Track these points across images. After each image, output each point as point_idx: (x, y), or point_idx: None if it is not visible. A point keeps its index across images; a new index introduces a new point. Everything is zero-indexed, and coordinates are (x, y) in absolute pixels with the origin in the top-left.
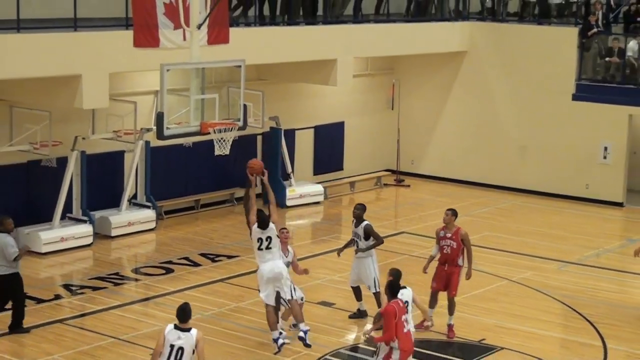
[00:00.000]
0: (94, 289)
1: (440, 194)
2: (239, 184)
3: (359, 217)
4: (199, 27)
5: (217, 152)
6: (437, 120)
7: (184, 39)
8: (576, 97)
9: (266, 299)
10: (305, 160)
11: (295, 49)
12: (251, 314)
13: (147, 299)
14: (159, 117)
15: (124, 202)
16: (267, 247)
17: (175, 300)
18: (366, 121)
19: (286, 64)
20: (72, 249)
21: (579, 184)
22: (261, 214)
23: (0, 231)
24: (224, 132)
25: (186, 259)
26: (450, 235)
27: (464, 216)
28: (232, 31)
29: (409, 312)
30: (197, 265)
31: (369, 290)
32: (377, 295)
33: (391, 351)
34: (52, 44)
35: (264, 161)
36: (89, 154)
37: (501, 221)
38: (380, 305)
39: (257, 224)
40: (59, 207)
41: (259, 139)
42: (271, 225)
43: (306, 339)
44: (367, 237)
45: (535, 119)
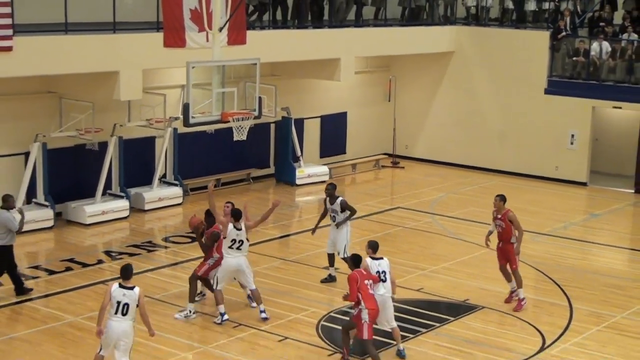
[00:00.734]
0: (130, 255)
1: (430, 174)
2: (255, 165)
3: (332, 195)
4: (220, 30)
5: (235, 138)
6: (428, 110)
7: (207, 40)
8: (548, 91)
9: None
10: (312, 145)
11: (304, 49)
12: (265, 277)
13: (175, 264)
14: (185, 108)
15: (155, 181)
16: (238, 248)
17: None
18: (366, 111)
19: (296, 62)
20: (111, 221)
21: (550, 166)
22: (236, 213)
23: (2, 207)
24: (242, 120)
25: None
26: (499, 216)
27: (452, 193)
28: (249, 33)
29: (387, 280)
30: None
31: (339, 255)
32: (345, 260)
33: (360, 311)
34: (94, 44)
35: (277, 146)
36: (126, 139)
37: (483, 198)
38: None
39: (233, 225)
40: (101, 184)
41: (272, 126)
42: (243, 228)
43: (266, 316)
44: (342, 210)
45: (512, 109)
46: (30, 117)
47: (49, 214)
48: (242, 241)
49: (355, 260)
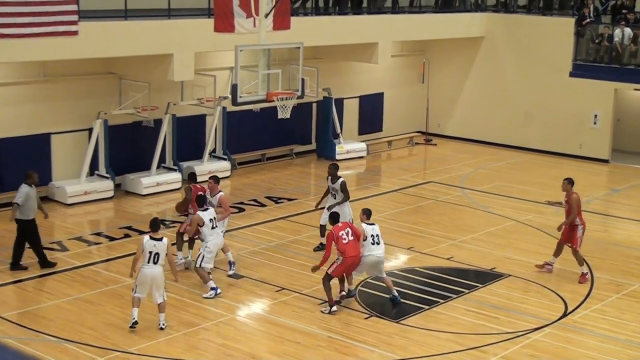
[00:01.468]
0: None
1: (461, 151)
2: (297, 141)
3: (334, 175)
4: (266, 16)
5: (280, 116)
6: (459, 91)
7: (254, 26)
8: (572, 74)
9: (209, 266)
10: (351, 123)
11: (344, 33)
12: (307, 244)
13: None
14: (234, 88)
15: (206, 155)
16: (213, 227)
17: (246, 233)
18: (401, 92)
19: (337, 45)
20: (165, 192)
21: (574, 144)
22: (202, 198)
23: (27, 183)
24: (286, 100)
25: (255, 200)
26: (567, 199)
27: (481, 169)
28: (293, 19)
29: (381, 242)
30: (263, 205)
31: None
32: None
33: (337, 260)
34: (151, 29)
35: (319, 124)
36: (179, 116)
37: (511, 174)
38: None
39: (201, 213)
40: (155, 158)
41: (314, 106)
42: (210, 209)
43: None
44: (342, 190)
45: (538, 91)
46: (93, 96)
47: (110, 185)
48: (214, 219)
49: (333, 218)
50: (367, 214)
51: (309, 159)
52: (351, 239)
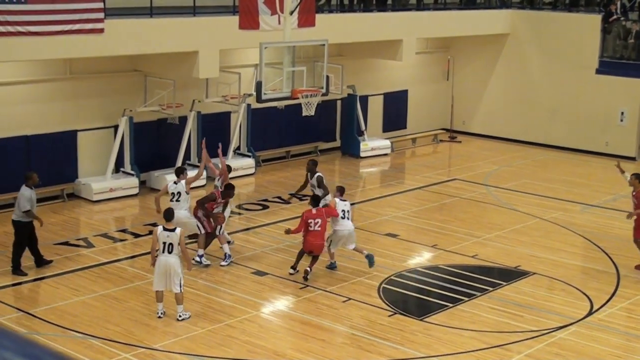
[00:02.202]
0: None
1: (486, 148)
2: (322, 138)
3: (313, 170)
4: (291, 13)
5: (304, 113)
6: (484, 88)
7: (279, 23)
8: (599, 72)
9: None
10: (376, 120)
11: (368, 31)
12: None
13: (247, 229)
14: (258, 85)
15: (230, 152)
16: (177, 200)
17: (270, 230)
18: (426, 89)
19: (361, 43)
20: (190, 189)
21: (600, 141)
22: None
23: (28, 186)
24: (310, 97)
25: (279, 198)
26: (634, 193)
27: (506, 167)
28: (318, 17)
29: (350, 217)
30: (287, 202)
31: None
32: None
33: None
34: (176, 27)
35: (343, 121)
36: (204, 113)
37: (536, 171)
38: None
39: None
40: (180, 155)
41: (339, 103)
42: (181, 183)
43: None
44: (319, 185)
45: (564, 88)
46: (118, 93)
47: (135, 182)
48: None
49: (314, 199)
50: (340, 190)
51: (334, 156)
52: (317, 229)
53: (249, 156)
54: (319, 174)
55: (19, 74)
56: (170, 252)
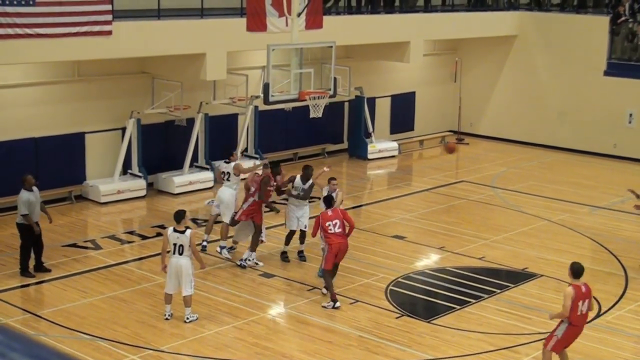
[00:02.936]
0: (216, 222)
1: (493, 150)
2: (329, 140)
3: (308, 177)
4: (299, 15)
5: (312, 115)
6: (491, 90)
7: (287, 25)
8: (607, 73)
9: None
10: (383, 122)
11: (376, 32)
12: None
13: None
14: (266, 87)
15: (238, 154)
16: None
17: (278, 232)
18: (433, 91)
19: (369, 44)
20: (197, 191)
21: (608, 143)
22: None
23: (25, 188)
24: (318, 99)
25: (286, 200)
26: None
27: (513, 168)
28: (325, 18)
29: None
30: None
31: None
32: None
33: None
34: (183, 29)
35: (351, 123)
36: (211, 115)
37: (543, 173)
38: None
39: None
40: (188, 157)
41: (346, 105)
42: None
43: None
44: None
45: (572, 90)
46: (126, 95)
47: (142, 184)
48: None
49: (327, 200)
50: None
51: (341, 158)
52: (338, 231)
53: (256, 158)
54: (312, 182)
55: (27, 76)
56: (181, 254)
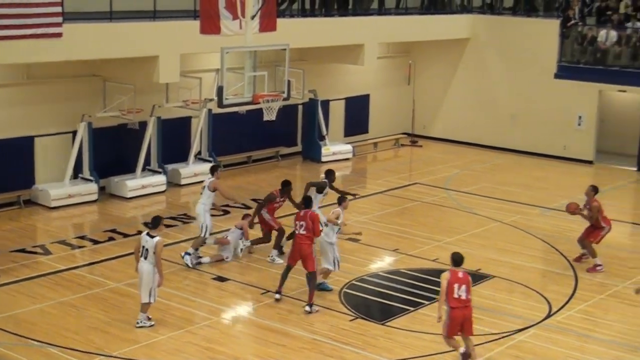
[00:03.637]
0: (168, 226)
1: (447, 152)
2: (283, 143)
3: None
4: (253, 18)
5: (265, 118)
6: (445, 93)
7: (240, 28)
8: (557, 76)
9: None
10: (337, 124)
11: (330, 35)
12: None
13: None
14: (219, 90)
15: (191, 158)
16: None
17: None
18: (387, 94)
19: (323, 47)
20: (150, 195)
21: (558, 145)
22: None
23: None
24: (272, 102)
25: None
26: (587, 205)
27: (466, 170)
28: (279, 21)
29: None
30: (248, 207)
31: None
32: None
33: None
34: (136, 31)
35: (304, 125)
36: (164, 119)
37: (495, 175)
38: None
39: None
40: (141, 161)
41: (300, 107)
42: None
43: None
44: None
45: (524, 92)
46: (77, 98)
47: (94, 188)
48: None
49: (306, 200)
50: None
51: (295, 161)
52: (302, 232)
53: (210, 161)
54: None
55: None
56: (145, 258)
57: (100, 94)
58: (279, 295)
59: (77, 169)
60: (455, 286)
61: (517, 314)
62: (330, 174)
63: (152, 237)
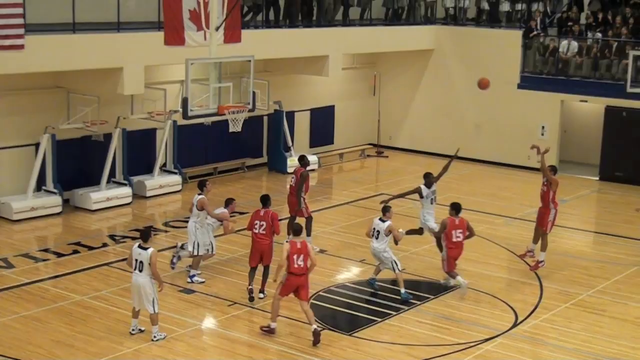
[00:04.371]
0: (133, 238)
1: (412, 163)
2: (249, 154)
3: (431, 183)
4: (217, 29)
5: (231, 129)
6: (410, 104)
7: (205, 39)
8: (520, 86)
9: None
10: (303, 135)
11: (294, 46)
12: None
13: (174, 247)
14: (184, 101)
15: (156, 169)
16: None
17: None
18: (352, 105)
19: (287, 58)
20: (115, 207)
21: (522, 155)
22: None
23: None
24: (237, 113)
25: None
26: (545, 181)
27: None
28: (244, 32)
29: (378, 238)
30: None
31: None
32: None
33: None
34: (100, 43)
35: (270, 137)
36: (129, 130)
37: (461, 184)
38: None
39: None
40: (105, 173)
41: (265, 119)
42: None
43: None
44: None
45: (487, 103)
46: (40, 110)
47: (58, 200)
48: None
49: (264, 199)
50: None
51: (261, 172)
52: (262, 232)
53: (175, 173)
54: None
55: None
56: (140, 271)
57: (64, 106)
58: (262, 294)
59: (41, 182)
60: (294, 257)
61: (484, 323)
62: (427, 176)
63: (144, 249)
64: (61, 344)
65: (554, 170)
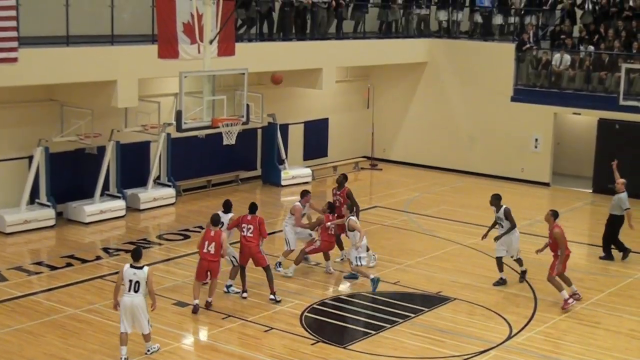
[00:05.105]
0: (127, 251)
1: (406, 175)
2: (243, 167)
3: (497, 205)
4: (211, 42)
5: (225, 142)
6: (403, 116)
7: (199, 52)
8: (513, 99)
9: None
10: (296, 148)
11: (288, 59)
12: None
13: (168, 260)
14: (178, 114)
15: (150, 182)
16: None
17: (191, 260)
18: (346, 117)
19: (281, 71)
20: (109, 220)
21: (516, 167)
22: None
23: None
24: (231, 126)
25: (200, 227)
26: (549, 231)
27: (426, 193)
28: (238, 45)
29: None
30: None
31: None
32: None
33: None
34: (94, 56)
35: (264, 149)
36: (123, 143)
37: (455, 197)
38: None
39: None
40: (99, 186)
41: (259, 132)
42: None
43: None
44: (507, 217)
45: (481, 115)
46: (33, 123)
47: (51, 213)
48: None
49: (252, 207)
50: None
51: (254, 185)
52: (249, 235)
53: (169, 186)
54: (505, 207)
55: None
56: (136, 291)
57: (57, 119)
58: (245, 293)
59: (34, 194)
60: (206, 242)
61: (478, 336)
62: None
63: (139, 268)
64: (54, 357)
65: (555, 215)
